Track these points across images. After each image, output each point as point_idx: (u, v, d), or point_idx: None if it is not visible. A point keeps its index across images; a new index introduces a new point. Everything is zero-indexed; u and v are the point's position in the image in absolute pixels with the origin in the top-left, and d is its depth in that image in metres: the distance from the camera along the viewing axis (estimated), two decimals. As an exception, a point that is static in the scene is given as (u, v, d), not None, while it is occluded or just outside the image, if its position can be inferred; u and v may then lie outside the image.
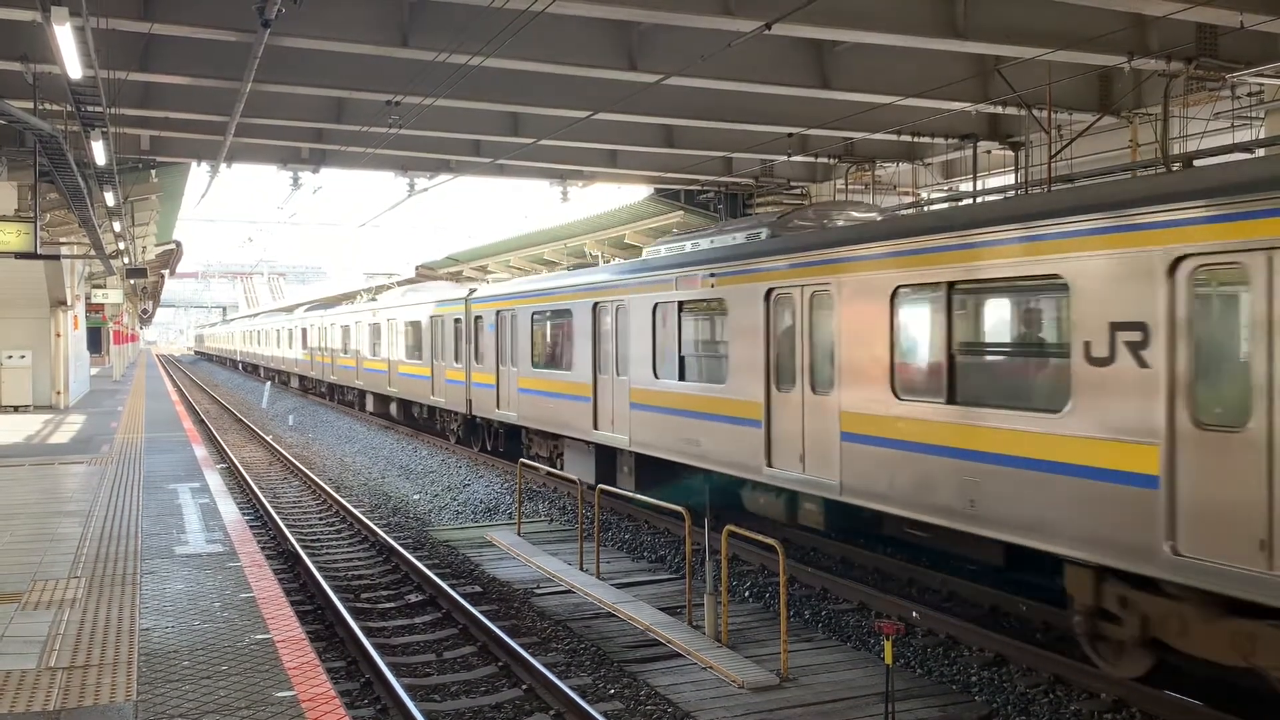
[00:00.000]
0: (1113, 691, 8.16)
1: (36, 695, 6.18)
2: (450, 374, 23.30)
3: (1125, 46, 14.08)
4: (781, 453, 11.45)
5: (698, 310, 13.56)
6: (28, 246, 18.71)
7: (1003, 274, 8.71)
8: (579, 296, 16.51)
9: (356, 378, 33.42)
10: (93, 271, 36.04)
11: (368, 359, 31.72)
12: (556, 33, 13.80)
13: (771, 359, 11.73)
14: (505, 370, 19.78)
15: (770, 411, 11.66)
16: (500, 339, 20.13)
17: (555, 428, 17.47)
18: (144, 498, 13.45)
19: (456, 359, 22.79)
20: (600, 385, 15.73)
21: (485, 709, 8.09)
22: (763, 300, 11.80)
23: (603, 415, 15.60)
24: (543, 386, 17.99)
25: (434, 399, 24.73)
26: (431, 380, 24.79)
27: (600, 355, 15.75)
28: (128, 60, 14.12)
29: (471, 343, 21.81)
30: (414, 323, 26.66)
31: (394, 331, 28.67)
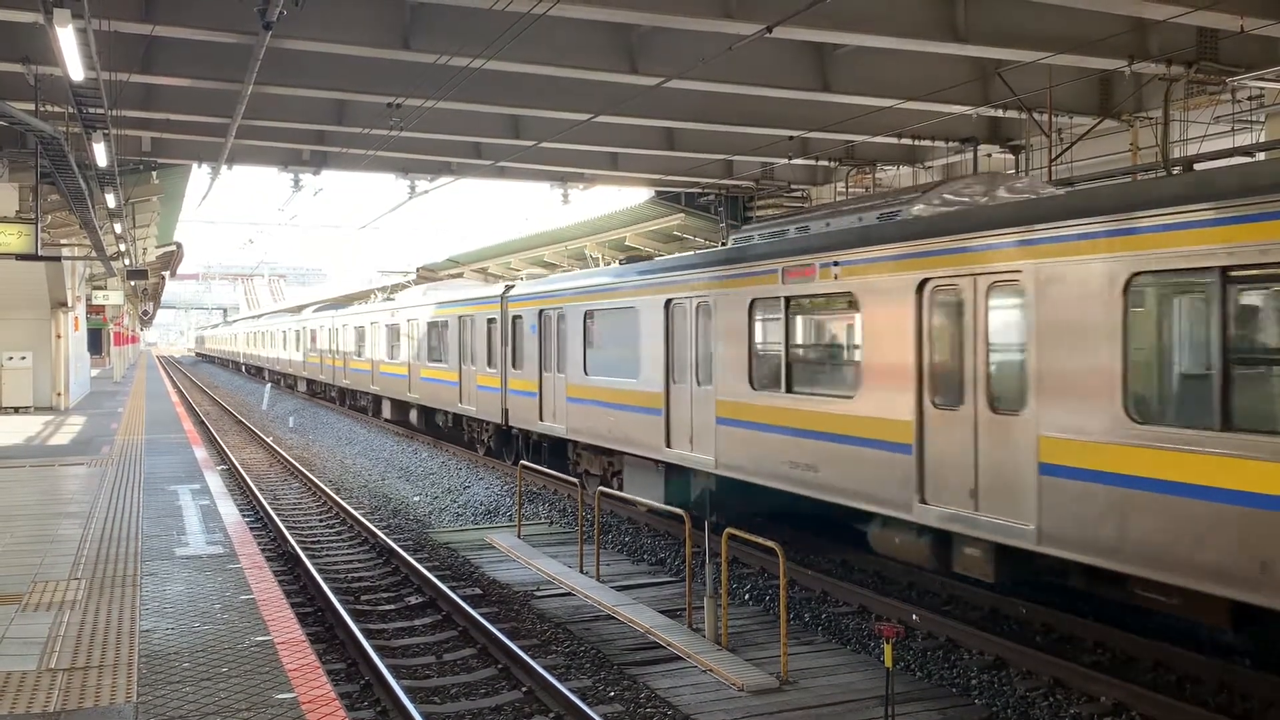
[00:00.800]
0: (1112, 695, 8.16)
1: (37, 696, 6.19)
2: (482, 380, 21.19)
3: (1126, 50, 14.10)
4: (940, 485, 9.22)
5: (814, 308, 11.44)
6: (29, 248, 18.73)
7: None
8: (647, 292, 14.35)
9: (372, 382, 31.35)
10: (93, 273, 36.06)
11: (385, 362, 29.65)
12: (557, 35, 13.82)
13: (926, 367, 9.44)
14: (551, 377, 17.60)
15: (923, 433, 9.37)
16: (544, 342, 17.95)
17: (614, 443, 15.21)
18: (144, 499, 13.45)
19: (490, 364, 20.61)
20: (675, 396, 13.59)
21: (485, 711, 8.09)
22: (914, 294, 9.51)
23: (678, 431, 13.50)
24: (598, 396, 15.71)
25: (462, 407, 22.63)
26: (459, 387, 22.73)
27: (676, 361, 13.65)
28: (129, 62, 14.14)
29: (509, 345, 19.63)
30: (439, 323, 24.53)
31: (415, 333, 26.62)
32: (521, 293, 19.60)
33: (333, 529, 15.96)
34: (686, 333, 13.41)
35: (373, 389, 31.47)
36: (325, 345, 39.39)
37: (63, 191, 18.59)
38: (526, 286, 19.76)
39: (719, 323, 12.66)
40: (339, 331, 36.62)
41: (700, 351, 13.14)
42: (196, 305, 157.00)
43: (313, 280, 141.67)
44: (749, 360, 12.06)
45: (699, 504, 13.24)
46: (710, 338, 12.89)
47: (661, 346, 13.93)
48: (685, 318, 13.45)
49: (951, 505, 8.98)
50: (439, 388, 24.33)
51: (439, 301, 24.92)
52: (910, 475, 9.45)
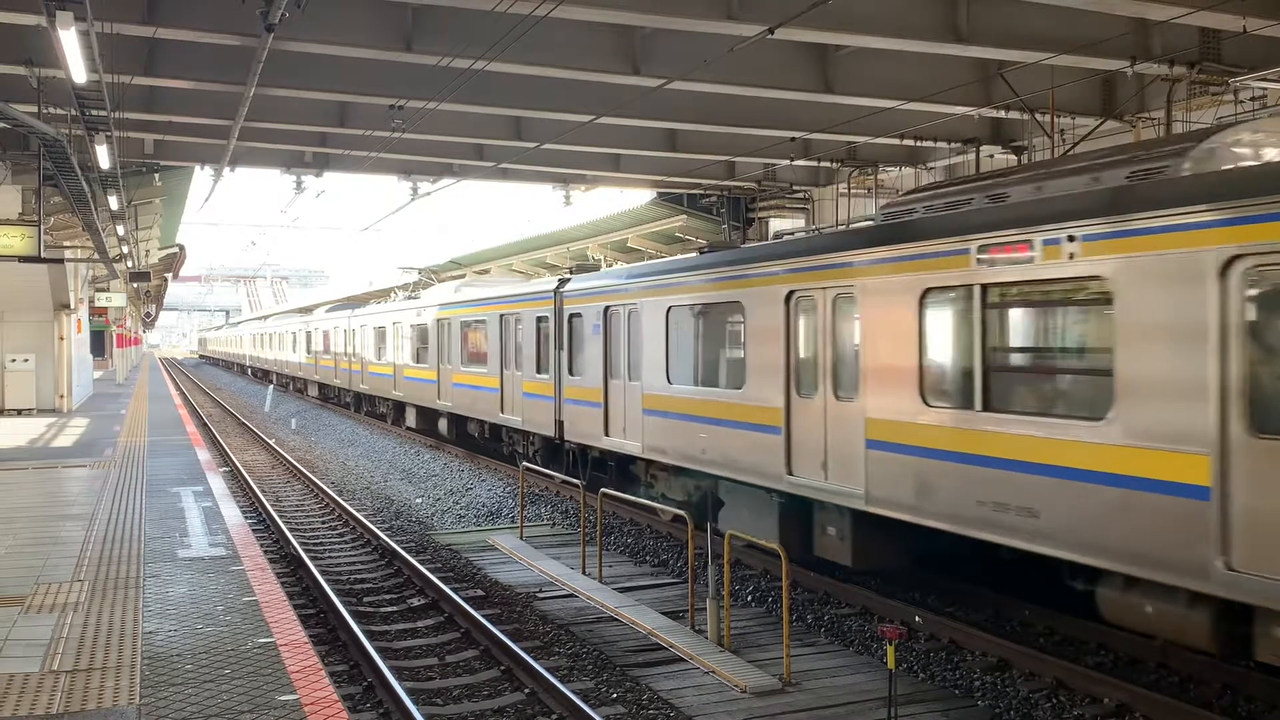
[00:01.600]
0: (1116, 696, 8.15)
1: (40, 699, 6.19)
2: (530, 387, 18.82)
3: (1128, 51, 14.08)
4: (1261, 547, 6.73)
5: (1029, 297, 8.76)
6: (32, 250, 18.77)
7: None
8: (758, 283, 11.92)
9: (394, 388, 28.78)
10: (96, 275, 36.09)
11: (410, 366, 27.13)
12: (559, 37, 13.81)
13: (1233, 377, 6.90)
14: (620, 385, 15.17)
15: (1227, 468, 6.86)
16: (611, 344, 15.49)
17: (707, 466, 12.85)
18: (147, 501, 13.46)
19: (540, 369, 18.33)
20: (801, 412, 11.08)
21: (487, 713, 8.09)
22: (1216, 276, 6.99)
23: (805, 454, 10.99)
24: (686, 409, 13.31)
25: (505, 418, 20.18)
26: (501, 394, 20.36)
27: (800, 367, 11.19)
28: (132, 64, 14.14)
29: (564, 348, 17.31)
30: (476, 323, 22.30)
31: (447, 334, 24.13)
32: (581, 287, 16.91)
33: (335, 531, 15.97)
34: (818, 332, 10.85)
35: (395, 395, 29.02)
36: (340, 347, 36.83)
37: (65, 194, 18.61)
38: (587, 279, 17.18)
39: (870, 319, 10.07)
40: (356, 333, 34.23)
41: (837, 356, 10.63)
42: (199, 307, 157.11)
43: (315, 282, 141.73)
44: (919, 367, 9.44)
45: (831, 547, 10.89)
46: (852, 339, 10.40)
47: (780, 349, 11.41)
48: (816, 314, 10.94)
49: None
50: (476, 395, 21.94)
51: (476, 299, 22.49)
52: (1203, 522, 6.99)
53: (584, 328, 16.60)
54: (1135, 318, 7.58)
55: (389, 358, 29.58)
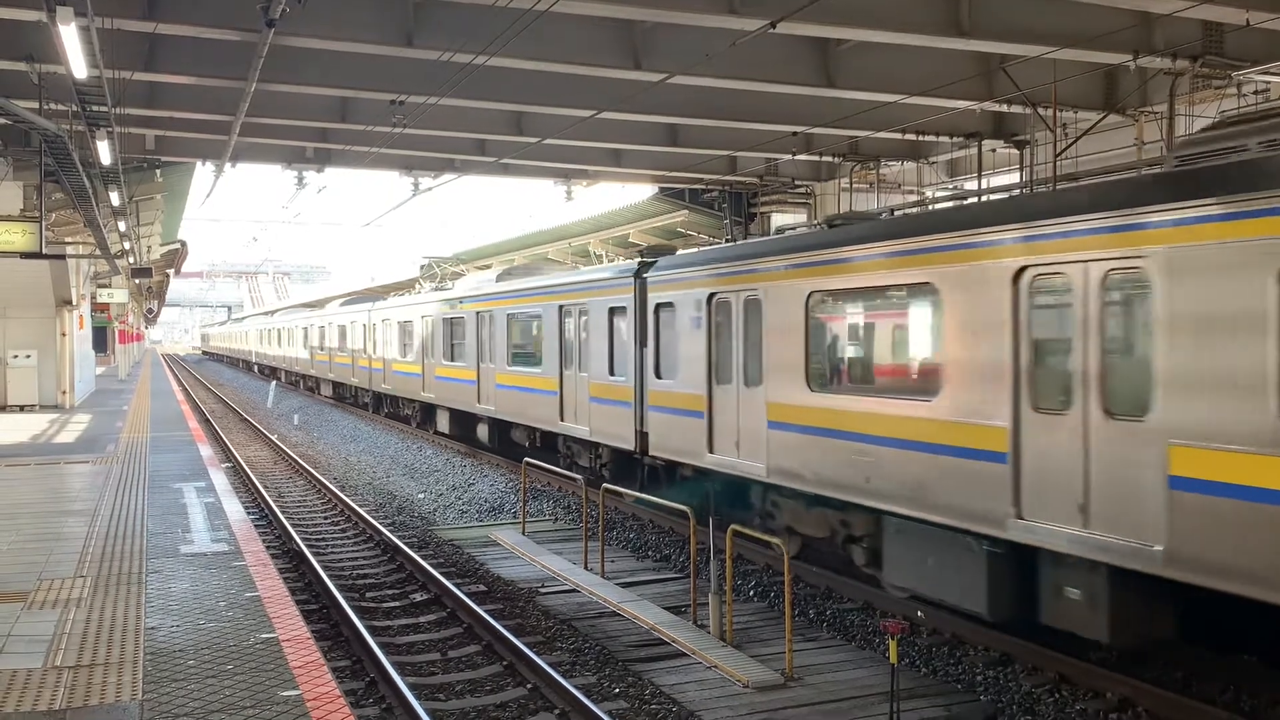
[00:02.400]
0: (1119, 691, 8.14)
1: (43, 694, 6.20)
2: (600, 390, 16.17)
3: (1131, 44, 14.05)
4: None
5: None
6: (33, 246, 18.77)
7: None
8: (968, 257, 8.95)
9: (423, 389, 26.04)
10: (98, 271, 36.11)
11: (444, 365, 24.35)
12: (560, 32, 13.79)
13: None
14: (731, 391, 12.56)
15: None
16: (720, 339, 12.89)
17: (873, 497, 10.04)
18: (149, 497, 13.47)
19: (613, 369, 15.77)
20: (1043, 433, 8.21)
21: (490, 708, 8.10)
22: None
23: (1047, 491, 8.13)
24: (844, 424, 10.47)
25: (566, 426, 17.49)
26: (560, 398, 17.73)
27: (1037, 372, 8.38)
28: (133, 60, 14.13)
29: (650, 345, 14.71)
30: (528, 316, 19.56)
31: (489, 329, 21.45)
32: (673, 271, 14.18)
33: (338, 526, 15.98)
34: (1077, 324, 7.99)
35: (424, 397, 26.14)
36: (359, 344, 33.91)
37: (67, 190, 18.60)
38: (682, 261, 14.50)
39: (1186, 303, 7.16)
40: (377, 328, 31.43)
41: (1086, 355, 7.90)
42: (201, 303, 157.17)
43: (317, 278, 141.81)
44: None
45: (1074, 615, 8.17)
46: (1147, 332, 7.53)
47: (1004, 345, 8.53)
48: (1079, 301, 7.97)
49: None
50: (527, 400, 19.17)
51: (526, 288, 19.65)
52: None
53: (678, 320, 13.83)
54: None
55: (417, 355, 26.71)
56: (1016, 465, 8.40)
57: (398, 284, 46.64)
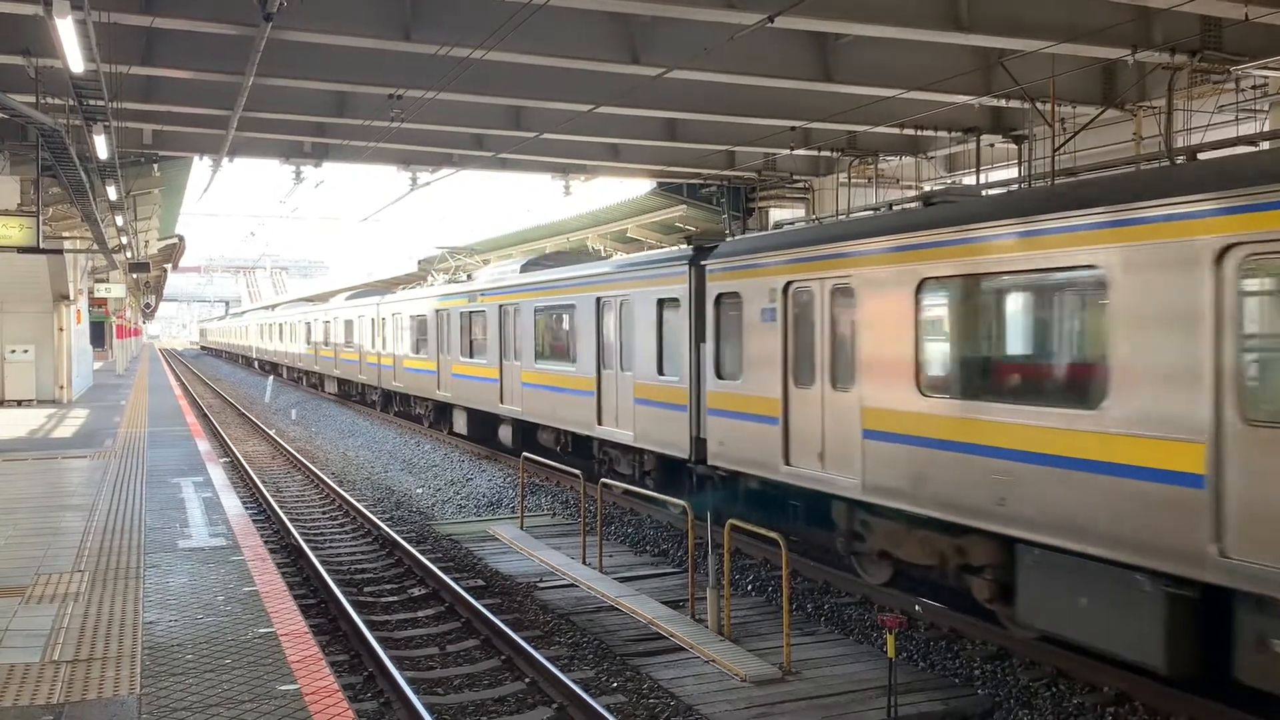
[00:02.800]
0: (1115, 685, 8.16)
1: (40, 689, 6.20)
2: (648, 391, 14.66)
3: (1129, 39, 14.04)
4: None
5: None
6: (30, 241, 18.73)
7: None
8: (1146, 233, 7.51)
9: (439, 387, 24.60)
10: (95, 266, 36.08)
11: (461, 362, 23.04)
12: (558, 26, 13.77)
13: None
14: (814, 395, 10.97)
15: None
16: (800, 334, 11.31)
17: (1009, 523, 8.51)
18: (147, 492, 13.47)
19: (662, 368, 14.37)
20: (1247, 447, 6.79)
21: (488, 702, 8.10)
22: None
23: (1260, 520, 6.69)
24: (975, 436, 8.87)
25: (605, 430, 15.99)
26: (597, 400, 16.35)
27: (1236, 375, 6.89)
28: (129, 54, 14.10)
29: (711, 341, 13.13)
30: (556, 308, 18.03)
31: (513, 323, 20.01)
32: (739, 256, 12.57)
33: (335, 521, 15.98)
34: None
35: (440, 396, 24.68)
36: (366, 339, 32.50)
37: (64, 184, 18.58)
38: (752, 243, 12.78)
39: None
40: (386, 322, 29.99)
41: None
42: (198, 298, 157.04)
43: (315, 272, 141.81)
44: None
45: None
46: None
47: (1204, 343, 7.03)
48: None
49: None
50: (558, 400, 17.79)
51: (557, 279, 18.16)
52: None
53: (745, 312, 12.30)
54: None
55: (431, 352, 25.23)
56: (1218, 491, 6.85)
57: (409, 275, 45.00)
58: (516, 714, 7.89)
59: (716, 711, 7.74)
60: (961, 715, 7.85)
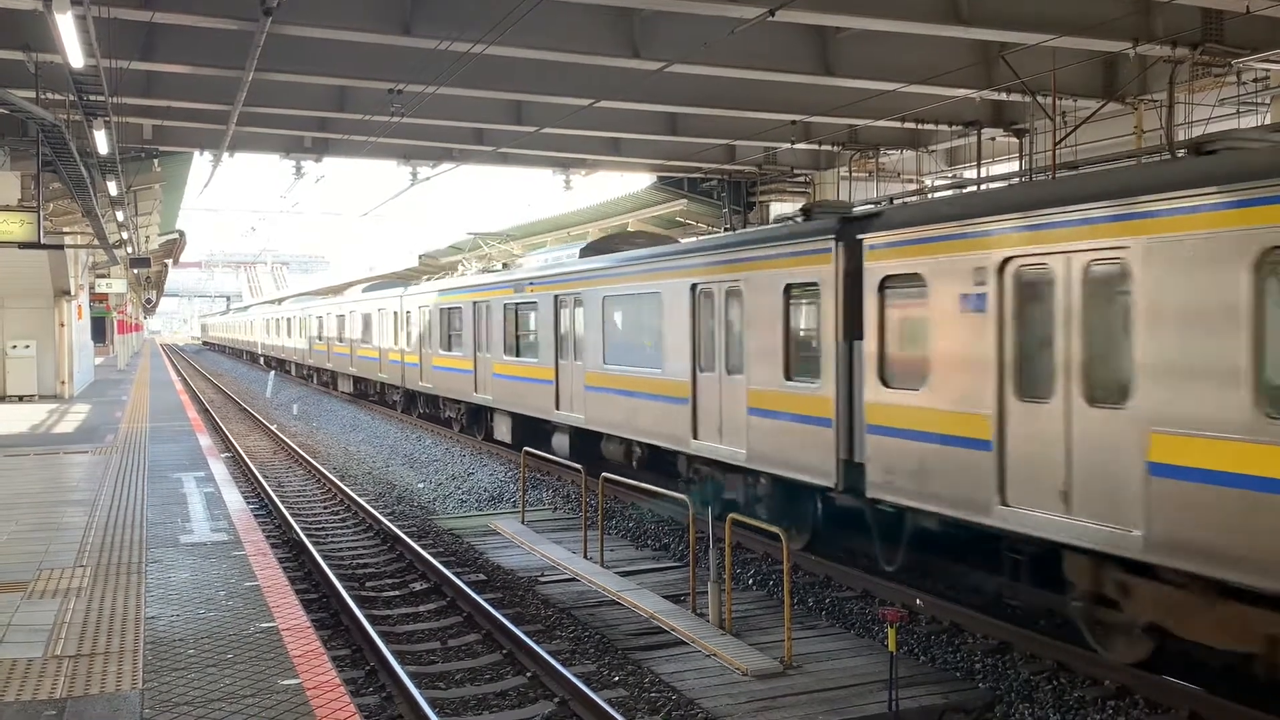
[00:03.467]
0: (1116, 678, 8.17)
1: (43, 684, 6.21)
2: (768, 400, 11.85)
3: (1130, 32, 14.02)
4: None
5: None
6: (31, 236, 18.73)
7: None
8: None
9: (476, 389, 21.92)
10: (96, 261, 36.07)
11: (505, 362, 20.20)
12: (559, 20, 13.76)
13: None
14: (1051, 412, 8.41)
15: None
16: (1025, 328, 8.81)
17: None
18: (149, 487, 13.48)
19: (791, 371, 11.57)
20: None
21: (490, 696, 8.12)
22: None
23: None
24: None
25: (705, 444, 13.20)
26: (693, 409, 13.50)
27: None
28: (130, 49, 14.09)
29: (872, 337, 10.35)
30: (634, 297, 15.17)
31: (574, 317, 17.29)
32: (918, 230, 9.81)
33: (337, 515, 16.00)
34: None
35: (478, 399, 22.00)
36: (386, 336, 29.90)
37: (64, 179, 18.56)
38: (930, 210, 10.06)
39: None
40: (410, 316, 27.46)
41: None
42: (199, 293, 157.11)
43: (316, 268, 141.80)
44: None
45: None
46: None
47: None
48: None
49: None
50: (637, 408, 14.97)
51: (639, 261, 15.12)
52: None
53: (932, 299, 9.59)
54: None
55: (467, 348, 22.72)
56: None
57: (439, 265, 43.23)
58: (518, 708, 7.90)
59: (718, 705, 7.75)
60: (963, 709, 7.86)
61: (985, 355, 8.96)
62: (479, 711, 7.87)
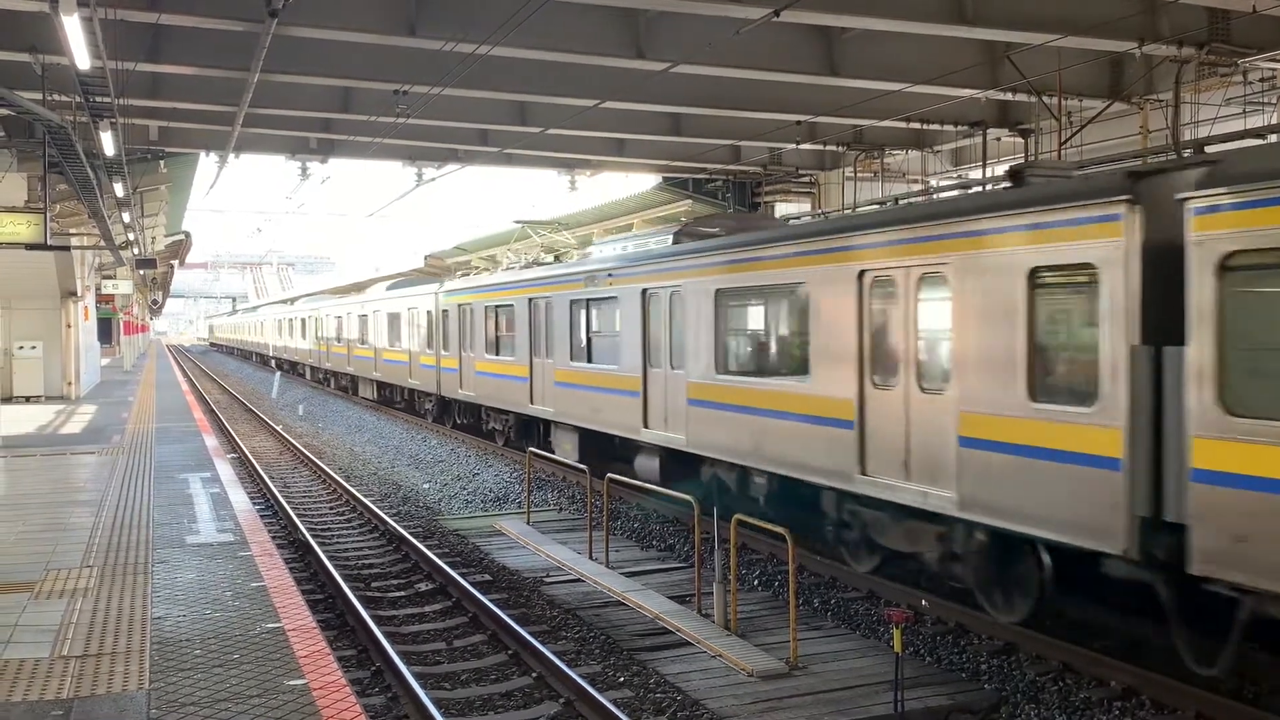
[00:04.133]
0: (1122, 679, 8.15)
1: (50, 684, 6.23)
2: (996, 428, 8.75)
3: (1136, 32, 14.00)
4: None
5: None
6: (38, 237, 18.80)
7: None
8: None
9: (532, 399, 19.05)
10: (103, 262, 36.17)
11: (570, 368, 17.44)
12: (563, 21, 13.78)
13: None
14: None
15: None
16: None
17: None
18: (155, 487, 13.51)
19: (1036, 391, 8.50)
20: None
21: (495, 697, 8.12)
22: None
23: None
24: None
25: (879, 480, 10.03)
26: (859, 434, 10.33)
27: None
28: (136, 51, 14.13)
29: (1203, 340, 7.19)
30: (780, 293, 12.11)
31: (676, 314, 14.06)
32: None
33: (343, 516, 16.02)
34: None
35: (534, 411, 19.04)
36: (418, 339, 27.06)
37: (71, 181, 18.61)
38: None
39: None
40: (446, 315, 24.65)
41: None
42: (205, 294, 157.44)
43: (321, 269, 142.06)
44: None
45: None
46: None
47: None
48: None
49: None
50: (769, 430, 11.91)
51: (777, 244, 11.98)
52: None
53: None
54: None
55: (520, 352, 19.68)
56: None
57: (445, 266, 41.48)
58: (524, 709, 7.91)
59: (723, 706, 7.75)
60: (968, 710, 7.85)
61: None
62: (484, 712, 7.88)
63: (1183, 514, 7.32)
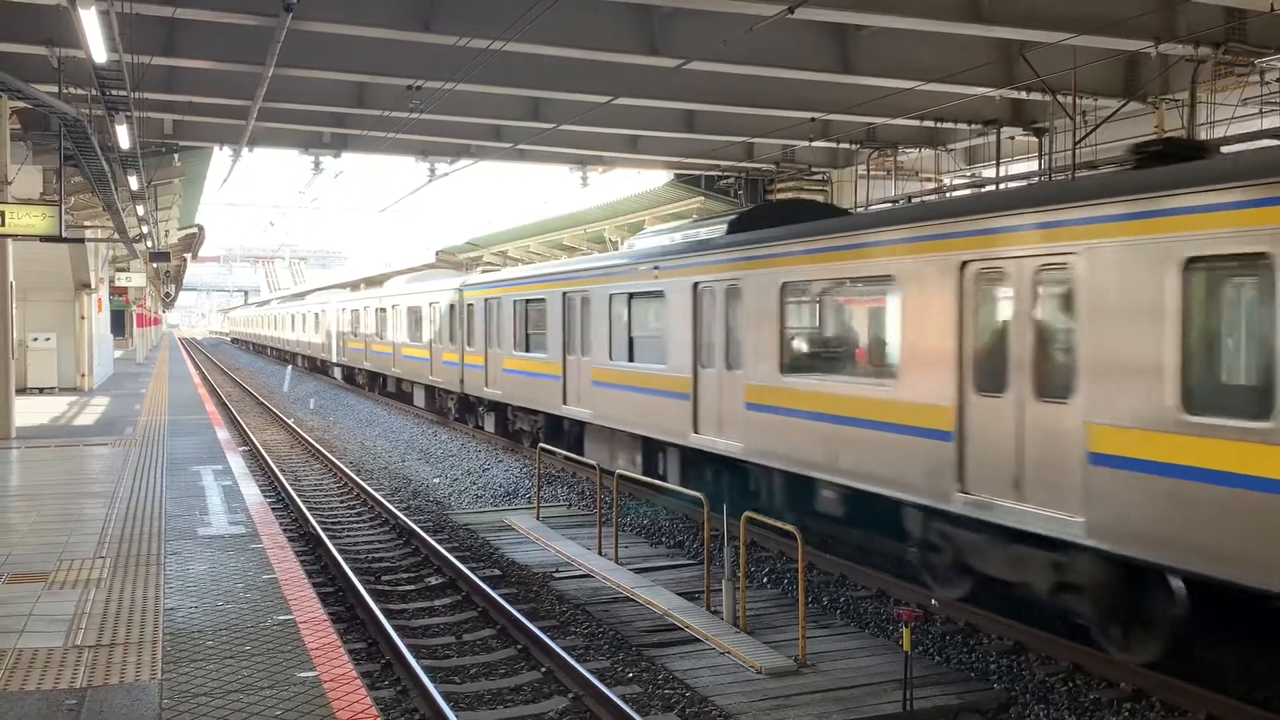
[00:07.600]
0: (1132, 681, 8.13)
1: (63, 673, 6.27)
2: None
3: (1152, 31, 13.94)
4: None
5: None
6: (53, 230, 18.87)
7: None
8: None
9: (566, 399, 17.62)
10: (116, 255, 36.36)
11: (610, 368, 16.00)
12: (577, 18, 13.78)
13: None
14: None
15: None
16: None
17: None
18: (167, 479, 13.57)
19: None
20: None
21: (505, 691, 8.15)
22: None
23: None
24: None
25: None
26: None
27: None
28: (152, 45, 14.19)
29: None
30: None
31: (739, 310, 12.59)
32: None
33: (353, 510, 16.07)
34: None
35: (569, 411, 17.54)
36: (441, 334, 25.53)
37: (86, 174, 18.72)
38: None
39: None
40: (470, 309, 23.00)
41: None
42: (218, 287, 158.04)
43: (334, 263, 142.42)
44: None
45: None
46: None
47: None
48: None
49: None
50: (851, 440, 10.58)
51: (878, 227, 10.52)
52: None
53: None
54: None
55: (553, 349, 18.21)
56: None
57: (456, 261, 39.94)
58: (532, 703, 7.93)
59: (732, 703, 7.75)
60: (977, 709, 7.84)
61: None
62: (493, 706, 7.90)
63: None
